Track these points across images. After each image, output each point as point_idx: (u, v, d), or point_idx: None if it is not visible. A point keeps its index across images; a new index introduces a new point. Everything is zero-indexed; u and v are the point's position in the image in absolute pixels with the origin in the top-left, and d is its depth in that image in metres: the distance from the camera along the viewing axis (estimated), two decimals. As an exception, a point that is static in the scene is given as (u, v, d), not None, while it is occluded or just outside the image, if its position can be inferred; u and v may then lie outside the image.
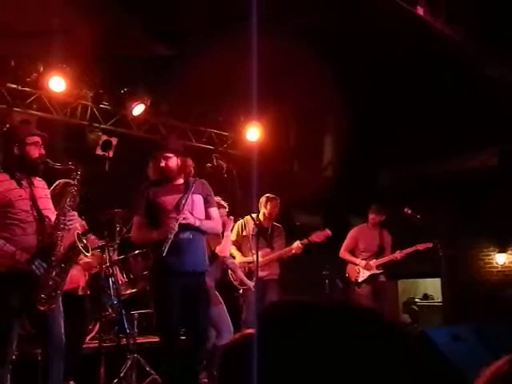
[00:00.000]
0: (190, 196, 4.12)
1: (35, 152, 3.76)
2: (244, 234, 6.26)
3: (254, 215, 6.36)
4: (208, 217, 4.27)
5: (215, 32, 5.92)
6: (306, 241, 6.03)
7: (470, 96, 7.07)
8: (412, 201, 7.03)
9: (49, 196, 3.92)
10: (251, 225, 6.35)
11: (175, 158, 4.17)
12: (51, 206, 3.87)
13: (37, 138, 3.80)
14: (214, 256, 5.01)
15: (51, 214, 3.80)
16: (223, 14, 5.77)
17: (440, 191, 8.30)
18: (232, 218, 5.24)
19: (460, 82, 6.88)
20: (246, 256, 6.15)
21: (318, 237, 6.02)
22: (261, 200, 6.06)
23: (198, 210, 4.20)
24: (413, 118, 7.55)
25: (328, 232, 6.03)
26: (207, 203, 4.28)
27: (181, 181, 4.22)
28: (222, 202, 5.08)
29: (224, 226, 4.85)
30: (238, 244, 6.33)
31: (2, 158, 3.82)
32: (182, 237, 4.05)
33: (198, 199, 4.22)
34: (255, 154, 7.78)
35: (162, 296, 4.05)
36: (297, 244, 6.03)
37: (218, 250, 5.04)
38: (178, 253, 4.01)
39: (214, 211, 4.33)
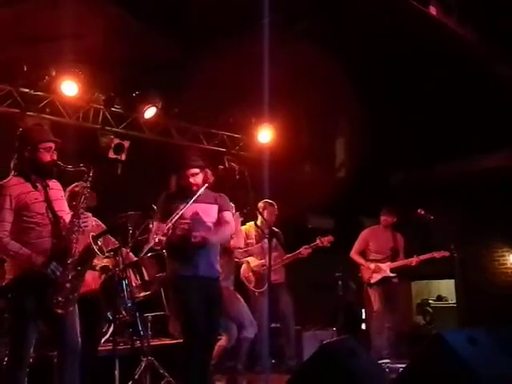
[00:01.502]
0: (201, 205, 4.23)
1: (47, 157, 3.76)
2: (249, 241, 6.29)
3: (253, 222, 6.41)
4: (220, 220, 4.33)
5: (226, 34, 5.93)
6: (312, 246, 6.16)
7: (483, 96, 7.02)
8: (425, 202, 6.98)
9: (64, 198, 3.94)
10: (253, 232, 6.38)
11: (201, 174, 4.31)
12: (66, 207, 3.88)
13: (49, 144, 3.80)
14: (225, 251, 5.03)
15: (66, 215, 3.80)
16: (235, 17, 5.77)
17: (453, 192, 8.25)
18: (237, 213, 5.26)
19: (473, 81, 6.84)
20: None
21: (321, 242, 6.17)
22: (259, 205, 6.06)
23: (209, 216, 4.29)
24: (425, 119, 7.51)
25: (330, 238, 6.18)
26: (221, 207, 4.36)
27: (199, 192, 4.30)
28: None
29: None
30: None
31: (16, 161, 3.83)
32: (194, 241, 4.10)
33: (210, 208, 4.32)
34: (267, 155, 7.78)
35: (186, 300, 4.09)
36: (303, 248, 6.16)
37: (232, 243, 5.07)
38: (192, 260, 4.10)
39: (227, 214, 4.39)
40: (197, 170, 4.28)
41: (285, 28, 5.62)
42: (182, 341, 4.23)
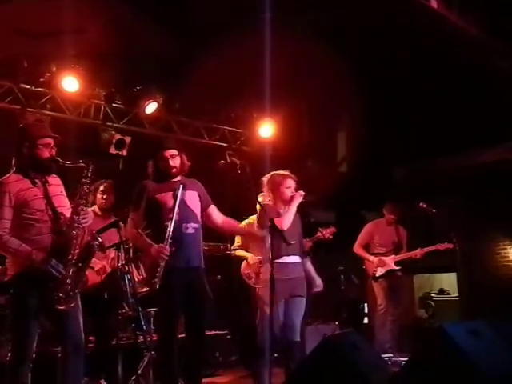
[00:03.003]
0: (185, 193, 4.18)
1: (45, 153, 3.76)
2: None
3: (255, 216, 6.39)
4: (212, 213, 4.37)
5: (227, 29, 5.91)
6: (313, 238, 6.05)
7: (484, 90, 7.00)
8: (427, 195, 6.99)
9: (64, 193, 3.92)
10: (255, 225, 6.36)
11: (178, 157, 4.26)
12: (67, 202, 3.87)
13: (48, 140, 3.79)
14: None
15: (66, 211, 3.80)
16: (236, 12, 5.76)
17: (455, 185, 8.24)
18: None
19: (474, 75, 6.82)
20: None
21: (323, 234, 6.06)
22: (259, 199, 6.04)
23: (195, 205, 4.25)
24: (427, 112, 7.50)
25: (332, 229, 6.07)
26: (206, 201, 4.35)
27: (178, 178, 4.27)
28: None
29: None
30: (244, 246, 6.36)
31: (15, 158, 3.82)
32: (185, 232, 4.08)
33: (194, 195, 4.27)
34: (268, 150, 7.78)
35: (165, 292, 4.01)
36: (304, 241, 6.10)
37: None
38: (182, 248, 4.03)
39: (213, 208, 4.40)
40: (175, 152, 4.22)
41: (286, 22, 5.61)
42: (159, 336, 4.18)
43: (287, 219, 4.65)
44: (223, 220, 4.47)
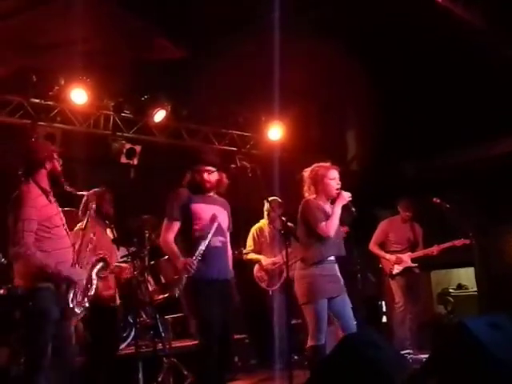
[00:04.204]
0: (216, 207, 4.20)
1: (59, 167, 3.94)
2: (262, 239, 6.30)
3: (266, 219, 6.40)
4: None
5: (234, 33, 5.92)
6: None
7: (494, 81, 6.95)
8: (440, 190, 6.94)
9: None
10: (266, 229, 6.37)
11: (216, 173, 4.25)
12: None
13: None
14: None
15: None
16: (241, 15, 5.76)
17: (468, 179, 8.18)
18: None
19: (482, 67, 6.77)
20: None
21: None
22: (266, 206, 6.05)
23: (224, 220, 4.26)
24: (436, 107, 7.45)
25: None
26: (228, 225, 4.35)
27: (211, 193, 4.28)
28: None
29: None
30: (257, 250, 6.37)
31: (34, 171, 3.89)
32: (212, 245, 4.08)
33: (224, 212, 4.29)
34: (278, 152, 7.77)
35: (202, 302, 4.02)
36: None
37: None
38: (207, 261, 4.04)
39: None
40: (213, 168, 4.22)
41: (290, 22, 5.60)
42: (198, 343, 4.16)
43: (333, 224, 4.42)
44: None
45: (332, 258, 4.52)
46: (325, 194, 4.54)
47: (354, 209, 4.55)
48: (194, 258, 3.98)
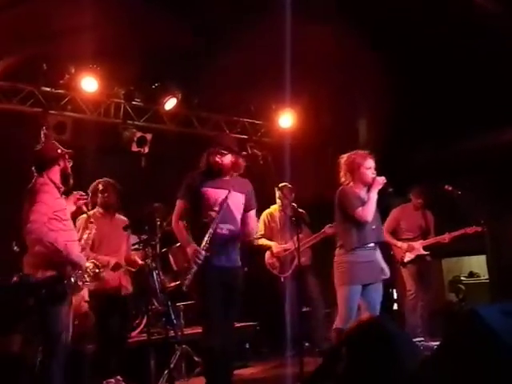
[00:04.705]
0: (231, 194, 4.17)
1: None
2: (273, 225, 6.29)
3: (277, 205, 6.38)
4: (244, 219, 4.29)
5: (244, 20, 5.88)
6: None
7: (507, 68, 6.86)
8: (452, 177, 6.89)
9: None
10: (277, 215, 6.36)
11: (229, 156, 4.22)
12: None
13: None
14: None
15: None
16: (252, 1, 5.72)
17: (481, 166, 8.11)
18: None
19: (496, 53, 6.68)
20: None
21: None
22: (277, 191, 6.00)
23: (237, 207, 4.23)
24: (448, 93, 7.37)
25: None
26: (248, 205, 4.31)
27: (227, 177, 4.26)
28: None
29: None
30: (267, 235, 6.36)
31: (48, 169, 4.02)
32: (218, 231, 4.08)
33: (239, 198, 4.25)
34: (289, 140, 7.75)
35: (204, 289, 4.06)
36: (328, 227, 6.06)
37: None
38: (212, 248, 4.05)
39: (252, 213, 4.36)
40: (225, 151, 4.19)
41: (303, 10, 5.54)
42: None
43: (370, 209, 4.48)
44: (250, 228, 4.41)
45: (371, 244, 4.53)
46: (361, 182, 4.57)
47: (391, 189, 4.56)
48: (202, 247, 3.99)
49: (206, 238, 4.01)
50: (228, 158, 4.21)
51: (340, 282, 4.48)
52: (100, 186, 5.28)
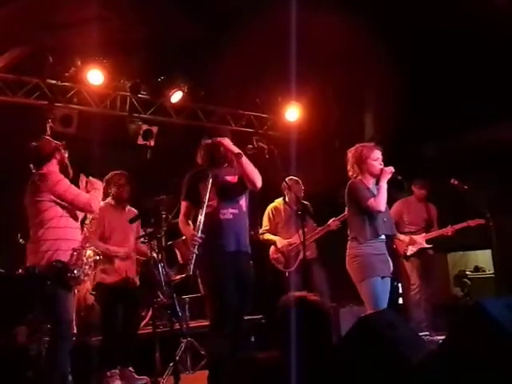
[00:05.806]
0: (226, 179, 4.20)
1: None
2: (278, 219, 6.27)
3: (281, 199, 6.36)
4: (239, 170, 4.22)
5: (250, 12, 5.86)
6: (340, 217, 5.96)
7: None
8: (458, 171, 6.86)
9: None
10: (282, 209, 6.34)
11: (217, 144, 4.21)
12: None
13: None
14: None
15: None
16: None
17: (487, 160, 8.07)
18: None
19: (505, 46, 6.63)
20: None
21: None
22: (283, 184, 5.97)
23: (236, 190, 4.22)
24: (456, 85, 7.33)
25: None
26: (238, 172, 4.26)
27: (226, 164, 4.26)
28: None
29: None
30: (272, 230, 6.34)
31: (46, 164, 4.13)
32: (222, 217, 4.09)
33: (233, 179, 4.26)
34: (295, 134, 7.73)
35: (215, 274, 4.04)
36: (332, 220, 6.03)
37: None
38: (219, 234, 4.06)
39: (241, 161, 4.18)
40: (208, 140, 4.23)
41: (309, 3, 5.52)
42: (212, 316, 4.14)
43: (382, 199, 4.44)
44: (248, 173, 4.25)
45: (383, 236, 4.53)
46: (369, 173, 4.54)
47: (400, 177, 4.55)
48: (196, 231, 3.98)
49: (198, 220, 3.99)
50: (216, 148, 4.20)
51: (360, 277, 4.36)
52: (119, 179, 5.29)
